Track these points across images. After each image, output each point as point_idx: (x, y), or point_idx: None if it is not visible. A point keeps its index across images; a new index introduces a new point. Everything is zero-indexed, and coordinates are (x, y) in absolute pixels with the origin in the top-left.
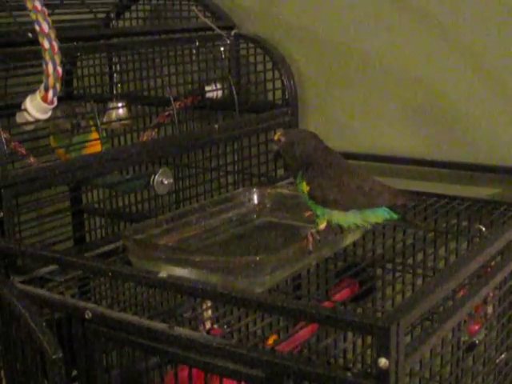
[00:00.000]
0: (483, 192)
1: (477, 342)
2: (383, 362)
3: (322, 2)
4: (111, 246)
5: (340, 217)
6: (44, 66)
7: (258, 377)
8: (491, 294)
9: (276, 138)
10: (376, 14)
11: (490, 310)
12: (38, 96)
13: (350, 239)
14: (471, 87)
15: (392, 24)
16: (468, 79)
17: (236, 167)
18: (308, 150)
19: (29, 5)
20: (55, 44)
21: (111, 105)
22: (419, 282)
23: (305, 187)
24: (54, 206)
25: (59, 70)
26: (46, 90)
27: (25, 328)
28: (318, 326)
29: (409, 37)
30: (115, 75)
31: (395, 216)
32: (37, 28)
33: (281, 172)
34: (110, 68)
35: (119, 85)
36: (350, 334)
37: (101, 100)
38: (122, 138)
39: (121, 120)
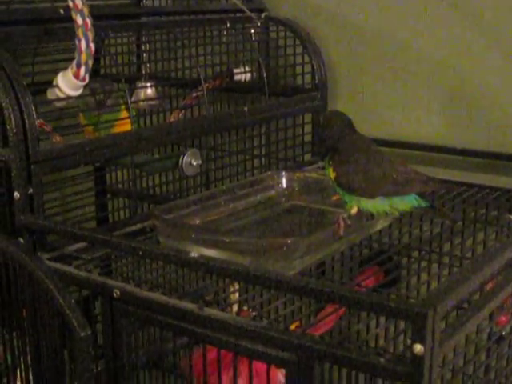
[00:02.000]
0: None
1: (504, 334)
2: (418, 348)
3: None
4: (138, 226)
5: (368, 203)
6: (77, 42)
7: (290, 360)
8: None
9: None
10: (410, 3)
11: None
12: (69, 72)
13: (380, 225)
14: (505, 77)
15: (425, 10)
16: (503, 68)
17: (263, 151)
18: (335, 135)
19: None
20: (88, 20)
21: (139, 84)
22: (445, 271)
23: (331, 173)
24: (78, 186)
25: (92, 46)
26: (79, 66)
27: (53, 305)
28: (340, 314)
29: (441, 23)
30: (144, 55)
31: (424, 204)
32: (70, 4)
33: (308, 157)
34: (139, 47)
35: (148, 64)
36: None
37: (129, 79)
38: (148, 118)
39: (149, 100)
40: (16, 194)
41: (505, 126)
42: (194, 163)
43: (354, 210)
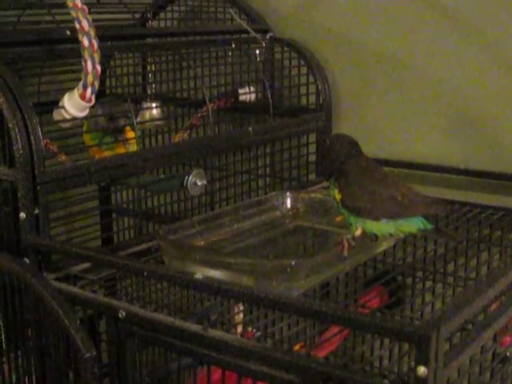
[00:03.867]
0: None
1: (508, 354)
2: (422, 370)
3: (357, 7)
4: (143, 246)
5: (373, 226)
6: (83, 63)
7: (294, 382)
8: None
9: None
10: (412, 22)
11: None
12: (76, 93)
13: (383, 246)
14: (507, 97)
15: (429, 32)
16: (504, 89)
17: (268, 171)
18: (342, 157)
19: (69, 2)
20: (95, 42)
21: (145, 105)
22: (449, 292)
23: (337, 195)
24: (83, 205)
25: (98, 68)
26: (85, 87)
27: (58, 325)
28: (344, 335)
29: (445, 45)
30: (149, 75)
31: (429, 226)
32: (77, 26)
33: (312, 176)
34: (144, 68)
35: (153, 85)
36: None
37: (134, 100)
38: (153, 139)
39: (154, 120)
40: (22, 215)
41: (508, 146)
42: (199, 183)
43: (358, 232)
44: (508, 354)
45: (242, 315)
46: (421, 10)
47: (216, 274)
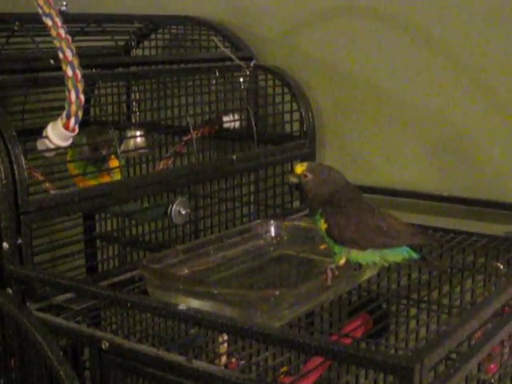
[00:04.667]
0: (500, 229)
1: (493, 381)
2: None
3: (340, 35)
4: (126, 276)
5: (358, 255)
6: (66, 93)
7: None
8: (508, 334)
9: (299, 171)
10: (394, 50)
11: (506, 349)
12: (59, 123)
13: (367, 275)
14: (489, 124)
15: (411, 60)
16: (486, 116)
17: (252, 198)
18: (331, 190)
19: (53, 32)
20: (78, 72)
21: (129, 133)
22: (434, 319)
23: (323, 225)
24: (67, 234)
25: (82, 97)
26: (68, 117)
27: (41, 356)
28: (329, 364)
29: (428, 72)
30: (133, 103)
31: (415, 256)
32: (60, 55)
33: (296, 204)
34: (128, 96)
35: (137, 113)
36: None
37: (118, 128)
38: (137, 167)
39: (139, 149)
40: (5, 245)
41: (491, 173)
42: (183, 212)
43: (342, 261)
44: (493, 381)
45: (226, 345)
46: (403, 38)
47: (200, 304)
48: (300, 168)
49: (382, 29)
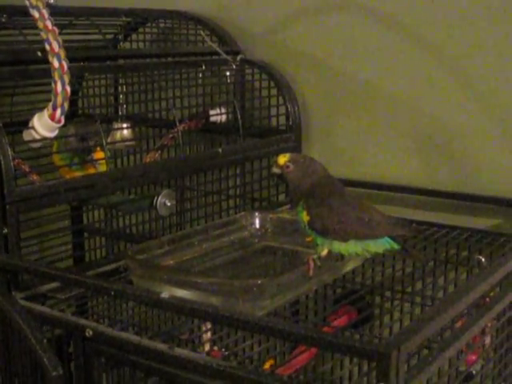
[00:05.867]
0: (483, 223)
1: (474, 372)
2: None
3: (328, 29)
4: (112, 266)
5: (340, 246)
6: (53, 84)
7: None
8: (489, 325)
9: (282, 162)
10: (381, 45)
11: (487, 340)
12: (45, 114)
13: (350, 266)
14: (474, 119)
15: (398, 55)
16: (471, 111)
17: (238, 191)
18: (313, 182)
19: (40, 24)
20: (64, 63)
21: (116, 125)
22: (417, 310)
23: (305, 217)
24: (55, 225)
25: (68, 89)
26: (54, 108)
27: (25, 344)
28: (315, 352)
29: (415, 67)
30: (121, 96)
31: (396, 246)
32: (47, 47)
33: (282, 197)
34: (116, 89)
35: (124, 106)
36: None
37: (106, 120)
38: (125, 159)
39: (125, 141)
40: None
41: (475, 168)
42: (169, 204)
43: (324, 252)
44: (474, 372)
45: (209, 333)
46: (390, 33)
47: (184, 293)
48: (283, 159)
49: (369, 24)
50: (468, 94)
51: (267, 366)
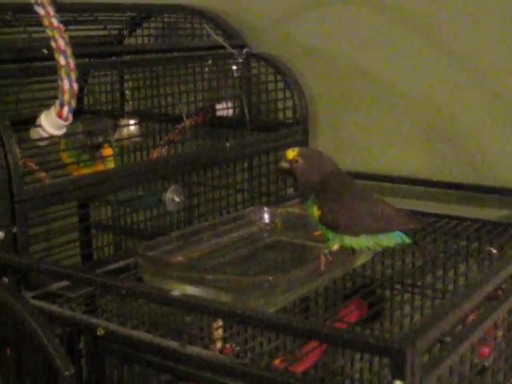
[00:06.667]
0: (493, 214)
1: (486, 365)
2: None
3: (334, 22)
4: (122, 263)
5: (352, 241)
6: (59, 82)
7: None
8: (501, 317)
9: (291, 157)
10: (388, 37)
11: (499, 333)
12: (52, 112)
13: (361, 260)
14: (482, 110)
15: (405, 47)
16: (479, 102)
17: (246, 185)
18: (323, 176)
19: (45, 21)
20: (71, 61)
21: (122, 122)
22: (428, 304)
23: (316, 211)
24: (62, 222)
25: (75, 86)
26: (62, 106)
27: (37, 343)
28: (324, 348)
29: (421, 59)
30: (127, 92)
31: (407, 240)
32: (53, 44)
33: (290, 191)
34: (122, 85)
35: (130, 102)
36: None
37: (112, 117)
38: (131, 155)
39: (132, 137)
40: (0, 234)
41: (484, 159)
42: (177, 199)
43: (335, 247)
44: (487, 364)
45: (221, 330)
46: (397, 26)
47: (194, 290)
48: (291, 153)
49: (375, 16)
50: (478, 86)
51: (278, 362)
